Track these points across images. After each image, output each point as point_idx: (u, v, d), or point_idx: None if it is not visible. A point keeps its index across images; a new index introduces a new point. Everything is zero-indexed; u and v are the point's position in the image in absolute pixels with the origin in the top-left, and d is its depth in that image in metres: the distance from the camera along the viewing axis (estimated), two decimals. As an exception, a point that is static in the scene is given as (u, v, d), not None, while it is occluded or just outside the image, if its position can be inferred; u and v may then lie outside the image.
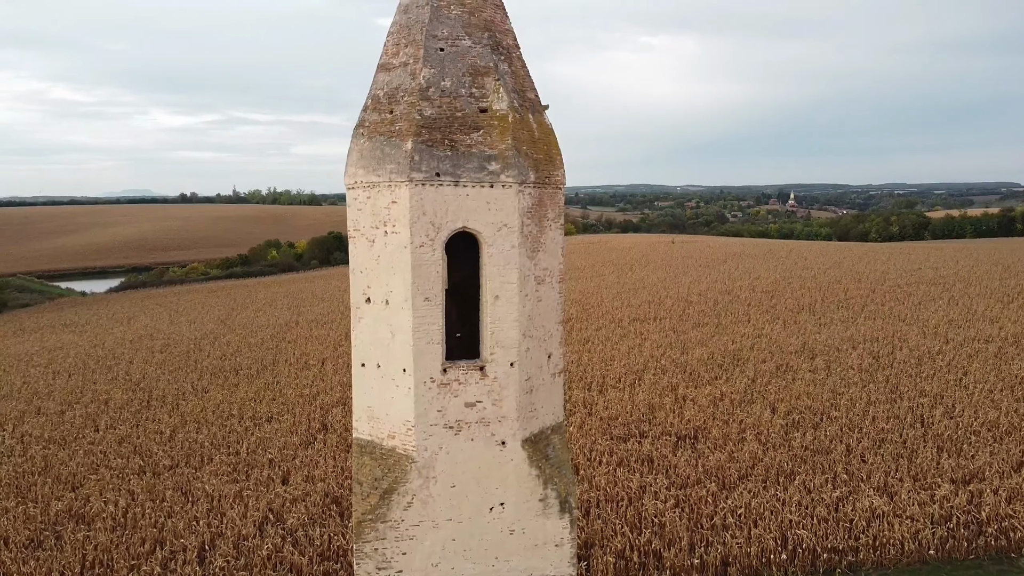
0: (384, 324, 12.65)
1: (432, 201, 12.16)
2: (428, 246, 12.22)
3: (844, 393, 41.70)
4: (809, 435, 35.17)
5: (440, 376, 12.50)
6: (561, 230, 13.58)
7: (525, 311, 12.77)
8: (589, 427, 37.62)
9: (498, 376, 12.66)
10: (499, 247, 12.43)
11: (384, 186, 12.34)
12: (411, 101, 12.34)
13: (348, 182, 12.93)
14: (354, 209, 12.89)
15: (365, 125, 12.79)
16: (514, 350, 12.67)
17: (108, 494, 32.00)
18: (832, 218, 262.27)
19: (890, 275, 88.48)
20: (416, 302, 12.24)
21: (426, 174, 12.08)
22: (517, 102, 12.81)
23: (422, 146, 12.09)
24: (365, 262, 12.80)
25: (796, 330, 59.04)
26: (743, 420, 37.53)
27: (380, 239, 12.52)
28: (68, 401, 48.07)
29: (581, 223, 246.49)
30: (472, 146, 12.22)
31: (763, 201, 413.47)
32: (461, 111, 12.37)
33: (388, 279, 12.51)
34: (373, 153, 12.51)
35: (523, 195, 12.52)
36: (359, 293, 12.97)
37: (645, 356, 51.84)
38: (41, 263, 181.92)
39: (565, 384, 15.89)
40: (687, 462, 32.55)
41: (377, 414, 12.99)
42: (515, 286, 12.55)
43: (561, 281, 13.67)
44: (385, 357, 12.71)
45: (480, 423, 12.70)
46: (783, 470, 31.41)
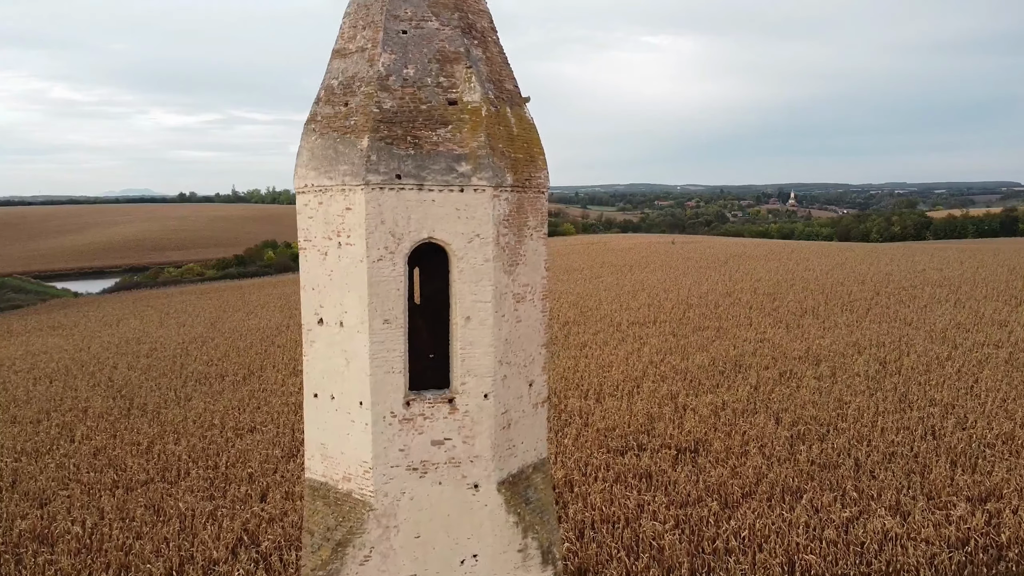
0: (338, 349, 10.96)
1: (392, 208, 10.46)
2: (387, 260, 10.52)
3: (851, 402, 40.02)
4: (816, 448, 33.49)
5: (402, 410, 10.79)
6: (544, 240, 11.88)
7: (501, 334, 11.07)
8: (585, 439, 35.93)
9: (470, 410, 10.96)
10: (471, 260, 10.73)
11: (337, 190, 10.64)
12: (368, 92, 10.64)
13: (297, 185, 11.23)
14: (304, 217, 11.19)
15: (317, 120, 11.09)
16: (488, 379, 10.97)
17: (76, 512, 30.32)
18: (833, 218, 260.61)
19: (894, 276, 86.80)
20: (373, 325, 10.54)
21: (385, 176, 10.38)
22: (492, 93, 11.11)
23: (380, 144, 10.38)
24: (317, 278, 11.11)
25: (799, 334, 57.34)
26: (746, 432, 35.84)
27: (333, 251, 10.83)
28: (45, 409, 46.36)
29: (581, 223, 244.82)
30: (439, 144, 10.52)
31: (763, 201, 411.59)
32: (426, 103, 10.66)
33: (342, 298, 10.81)
34: (325, 152, 10.81)
35: (499, 200, 10.82)
36: (311, 313, 11.27)
37: (644, 362, 50.14)
38: (39, 263, 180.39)
39: (549, 415, 14.12)
40: (687, 478, 30.87)
41: (331, 452, 11.29)
42: (489, 305, 10.85)
43: (544, 298, 11.96)
44: (339, 387, 11.02)
45: (449, 464, 11.00)
46: (789, 487, 29.72)
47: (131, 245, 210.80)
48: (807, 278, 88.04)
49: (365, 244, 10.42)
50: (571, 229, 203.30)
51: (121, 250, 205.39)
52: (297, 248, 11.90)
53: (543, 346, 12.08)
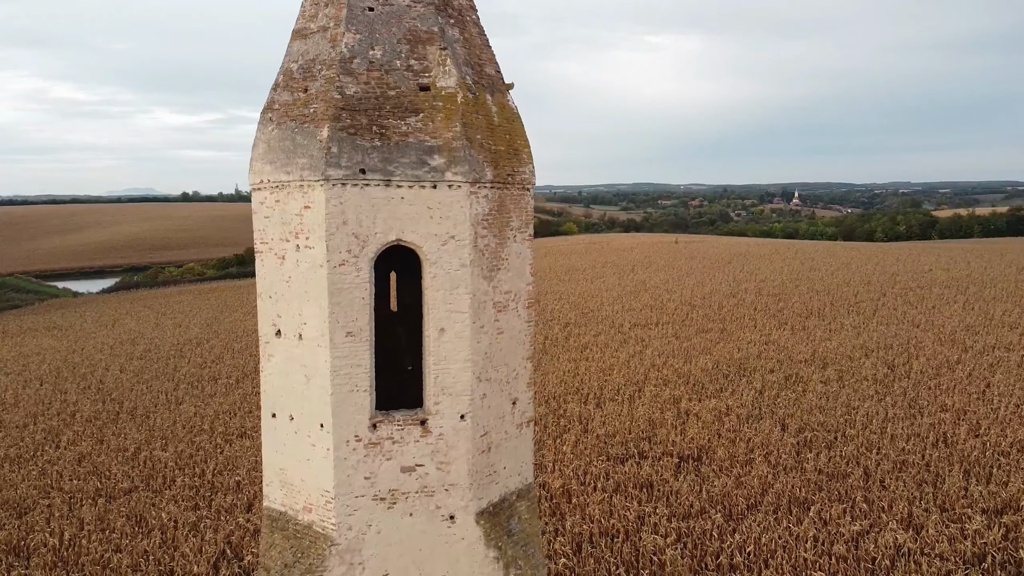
0: (297, 365, 9.80)
1: (355, 206, 9.29)
2: (350, 265, 9.35)
3: (859, 407, 38.77)
4: (823, 456, 32.26)
5: (368, 433, 9.63)
6: (529, 242, 10.70)
7: (480, 348, 9.90)
8: (584, 446, 34.73)
9: (444, 432, 9.79)
10: (445, 265, 9.56)
11: (295, 186, 9.48)
12: (329, 76, 9.47)
13: (252, 181, 10.07)
14: (260, 216, 10.03)
15: (274, 108, 9.93)
16: (465, 398, 9.80)
17: (56, 522, 29.21)
18: (837, 217, 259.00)
19: (900, 277, 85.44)
20: (335, 337, 9.38)
21: (347, 171, 9.21)
22: (471, 78, 9.93)
23: (342, 134, 9.22)
24: (274, 285, 9.94)
25: (805, 336, 56.08)
26: (751, 439, 34.62)
27: (291, 255, 9.66)
28: (33, 413, 45.28)
29: (583, 222, 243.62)
30: (408, 134, 9.35)
31: (767, 200, 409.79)
32: (395, 89, 9.49)
33: (301, 307, 9.65)
34: (282, 144, 9.64)
35: (477, 198, 9.65)
36: (268, 324, 10.11)
37: (646, 365, 48.91)
38: (40, 263, 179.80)
39: (535, 436, 12.95)
40: (690, 488, 29.65)
41: (290, 479, 10.12)
42: (466, 316, 9.69)
43: (530, 306, 10.78)
44: (298, 407, 9.85)
45: (421, 493, 9.83)
46: (796, 498, 28.50)
47: (132, 244, 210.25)
48: (812, 278, 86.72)
49: (325, 247, 9.27)
50: (573, 228, 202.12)
51: (122, 249, 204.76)
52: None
53: (529, 359, 10.91)
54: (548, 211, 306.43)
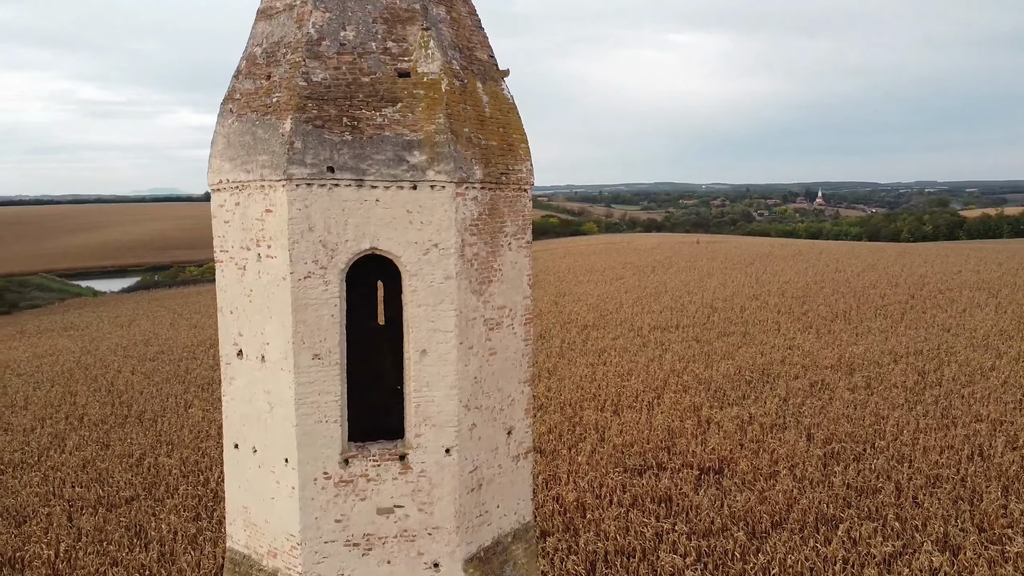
0: (260, 390, 8.60)
1: (323, 210, 8.07)
2: (317, 277, 8.13)
3: (888, 417, 37.10)
4: (852, 470, 30.69)
5: (339, 470, 8.41)
6: (527, 250, 9.43)
7: (468, 371, 8.64)
8: (600, 456, 33.38)
9: (427, 468, 8.55)
10: (427, 278, 8.32)
11: (255, 187, 8.27)
12: (295, 60, 8.26)
13: (211, 181, 8.89)
14: (220, 221, 8.85)
15: (235, 98, 8.74)
16: (451, 429, 8.55)
17: (54, 532, 28.36)
18: (862, 217, 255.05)
19: (929, 278, 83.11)
20: (299, 360, 8.16)
21: (312, 169, 7.99)
22: (458, 63, 8.68)
23: (307, 127, 8.00)
24: (235, 299, 8.75)
25: (831, 341, 54.27)
26: (775, 450, 33.09)
27: (252, 266, 8.46)
28: (41, 416, 44.66)
29: (604, 222, 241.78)
30: (384, 127, 8.12)
31: (790, 199, 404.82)
32: (369, 75, 8.26)
33: (263, 325, 8.45)
34: (242, 139, 8.45)
35: (464, 200, 8.39)
36: (229, 344, 8.92)
37: (666, 370, 47.43)
38: (65, 261, 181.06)
39: (534, 469, 11.68)
40: (711, 503, 28.24)
41: (254, 519, 8.93)
42: (451, 335, 8.43)
43: (528, 323, 9.51)
44: (262, 438, 8.65)
45: (401, 538, 8.59)
46: (823, 515, 27.01)
47: (155, 243, 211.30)
48: (837, 280, 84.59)
49: (288, 257, 8.05)
50: (594, 228, 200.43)
51: (145, 248, 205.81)
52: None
53: (526, 383, 9.63)
54: (568, 210, 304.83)
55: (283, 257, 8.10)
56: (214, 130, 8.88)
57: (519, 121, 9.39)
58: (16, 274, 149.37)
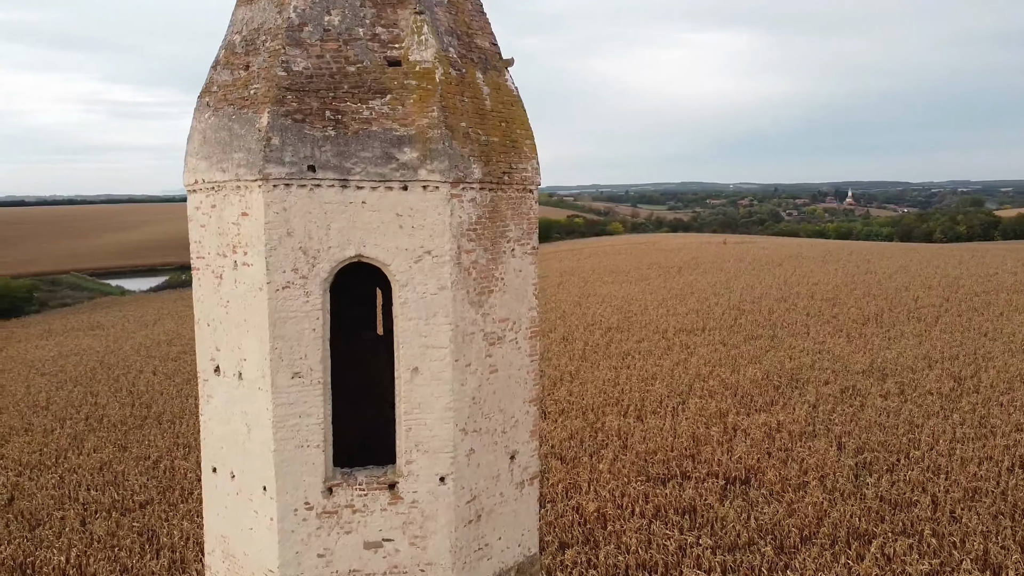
0: (237, 411, 7.85)
1: (303, 213, 7.29)
2: (297, 287, 7.36)
3: (923, 425, 35.71)
4: (885, 481, 29.45)
5: (322, 500, 7.63)
6: (533, 256, 8.58)
7: (465, 391, 7.82)
8: (622, 464, 32.42)
9: (419, 499, 7.74)
10: (419, 288, 7.51)
11: (231, 188, 7.52)
12: (274, 48, 7.49)
13: (186, 181, 8.16)
14: (196, 225, 8.12)
15: (212, 91, 8.00)
16: (446, 456, 7.74)
17: (66, 537, 28.01)
18: (893, 217, 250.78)
19: (964, 281, 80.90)
20: (278, 379, 7.40)
21: (291, 168, 7.22)
22: (455, 51, 7.86)
23: (286, 121, 7.23)
24: (212, 310, 8.02)
25: (862, 345, 52.75)
26: (804, 459, 31.90)
27: (229, 274, 7.72)
28: (61, 417, 44.62)
29: (630, 222, 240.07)
30: (371, 121, 7.32)
31: (819, 199, 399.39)
32: (356, 64, 7.47)
33: (240, 339, 7.70)
34: (218, 135, 7.71)
35: (461, 202, 7.57)
36: (206, 359, 8.21)
37: (691, 374, 46.28)
38: (96, 260, 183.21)
39: (540, 495, 10.90)
40: (737, 515, 27.17)
41: (233, 550, 8.18)
42: (446, 352, 7.62)
43: (533, 336, 8.66)
44: (240, 463, 7.90)
45: (391, 575, 7.78)
46: (855, 529, 25.85)
47: (184, 243, 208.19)
48: (868, 282, 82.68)
49: (265, 265, 7.27)
50: (619, 228, 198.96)
51: (175, 247, 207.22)
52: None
53: (532, 402, 8.79)
54: (594, 210, 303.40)
55: (259, 265, 7.34)
56: (190, 126, 8.16)
57: (524, 115, 8.56)
58: (48, 273, 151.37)
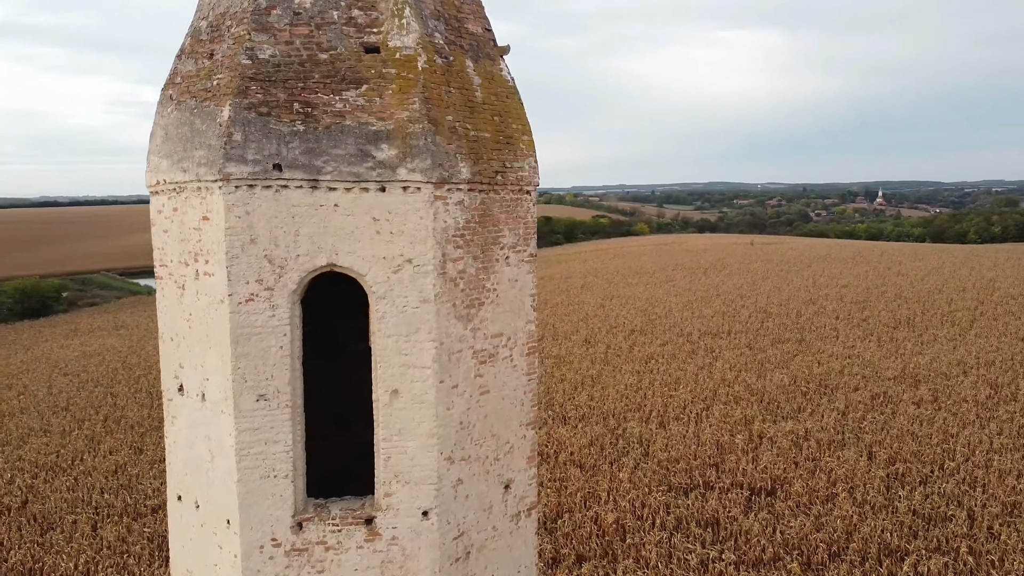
0: (201, 434, 7.12)
1: (268, 217, 6.53)
2: (262, 300, 6.59)
3: (958, 435, 34.33)
4: (918, 494, 28.22)
5: (290, 536, 6.86)
6: (530, 264, 7.76)
7: (452, 416, 7.02)
8: (643, 472, 31.46)
9: (399, 535, 6.95)
10: (398, 301, 6.72)
11: (192, 189, 6.79)
12: (239, 34, 6.74)
13: (148, 182, 7.44)
14: (159, 230, 7.40)
15: (175, 82, 7.28)
16: (429, 487, 6.94)
17: (77, 542, 27.65)
18: (925, 217, 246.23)
19: (999, 283, 78.68)
20: (241, 402, 6.64)
21: (255, 166, 6.46)
22: (442, 36, 7.06)
23: (250, 115, 6.47)
24: (175, 323, 7.29)
25: (893, 349, 51.23)
26: (833, 470, 30.73)
27: (191, 285, 6.98)
28: (80, 418, 44.54)
29: (655, 222, 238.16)
30: (345, 114, 6.55)
31: (849, 199, 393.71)
32: (329, 50, 6.69)
33: (203, 357, 6.96)
34: (180, 131, 6.97)
35: (446, 205, 6.77)
36: (170, 376, 7.49)
37: (715, 379, 45.14)
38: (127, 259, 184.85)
39: (538, 527, 10.13)
40: (762, 528, 26.12)
41: (198, 587, 7.43)
42: (429, 372, 6.82)
43: (531, 353, 7.84)
44: (204, 493, 7.17)
45: (367, 618, 7.00)
46: (887, 545, 24.70)
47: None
48: (900, 284, 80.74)
49: (226, 275, 6.51)
50: (644, 229, 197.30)
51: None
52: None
53: (529, 425, 7.96)
54: (620, 210, 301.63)
55: (220, 275, 6.61)
56: (154, 121, 7.45)
57: (521, 108, 7.74)
58: (79, 273, 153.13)
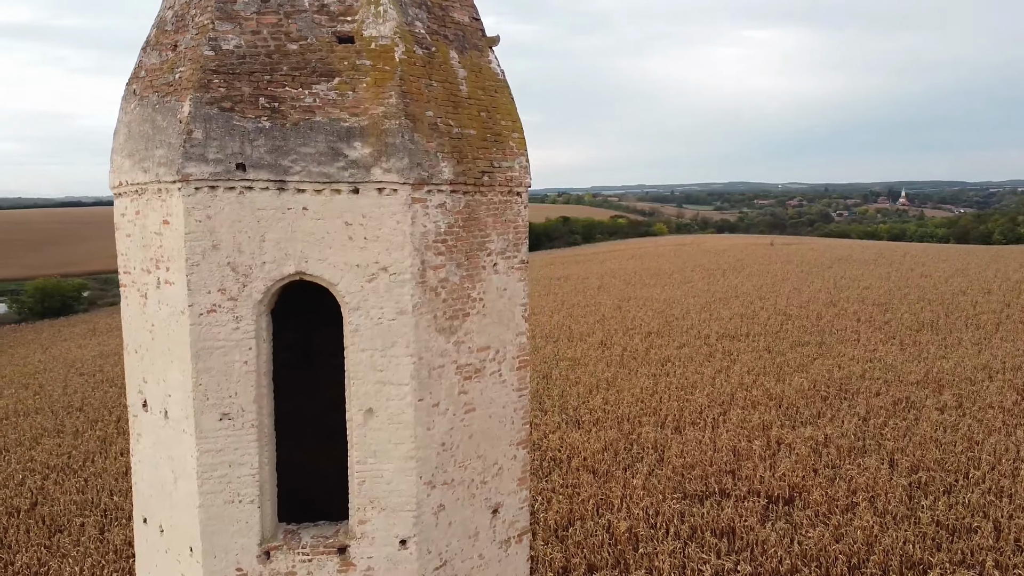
0: (164, 455, 6.63)
1: (231, 222, 6.02)
2: (225, 312, 6.09)
3: (984, 442, 33.34)
4: (942, 504, 27.33)
5: (257, 566, 6.35)
6: (521, 271, 7.20)
7: (433, 436, 6.47)
8: (658, 479, 30.77)
9: (375, 565, 6.42)
10: (372, 313, 6.19)
11: (153, 191, 6.29)
12: (202, 24, 6.23)
13: (111, 183, 6.97)
14: (122, 234, 6.93)
15: (139, 76, 6.78)
16: (407, 514, 6.40)
17: (84, 545, 27.43)
18: (949, 218, 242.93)
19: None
20: (203, 421, 6.14)
21: (217, 166, 5.95)
22: (424, 25, 6.52)
23: (211, 110, 5.96)
24: (138, 335, 6.81)
25: (916, 353, 50.11)
26: (853, 478, 29.88)
27: (153, 294, 6.50)
28: (93, 419, 44.48)
29: (674, 222, 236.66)
30: (315, 109, 6.02)
31: (871, 199, 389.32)
32: (299, 40, 6.17)
33: (165, 370, 6.46)
34: (141, 128, 6.49)
35: (426, 207, 6.22)
36: (134, 391, 7.00)
37: (733, 383, 44.31)
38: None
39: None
40: (779, 538, 25.38)
41: (163, 617, 6.93)
42: (407, 389, 6.28)
43: (522, 366, 7.28)
44: (168, 516, 6.67)
45: (341, 655, 6.47)
46: (909, 558, 23.89)
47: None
48: (923, 286, 79.31)
49: (186, 284, 6.01)
50: (663, 229, 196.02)
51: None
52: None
53: (520, 445, 7.40)
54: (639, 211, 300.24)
55: (181, 284, 6.11)
56: (117, 118, 6.98)
57: (511, 103, 7.18)
58: (101, 272, 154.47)
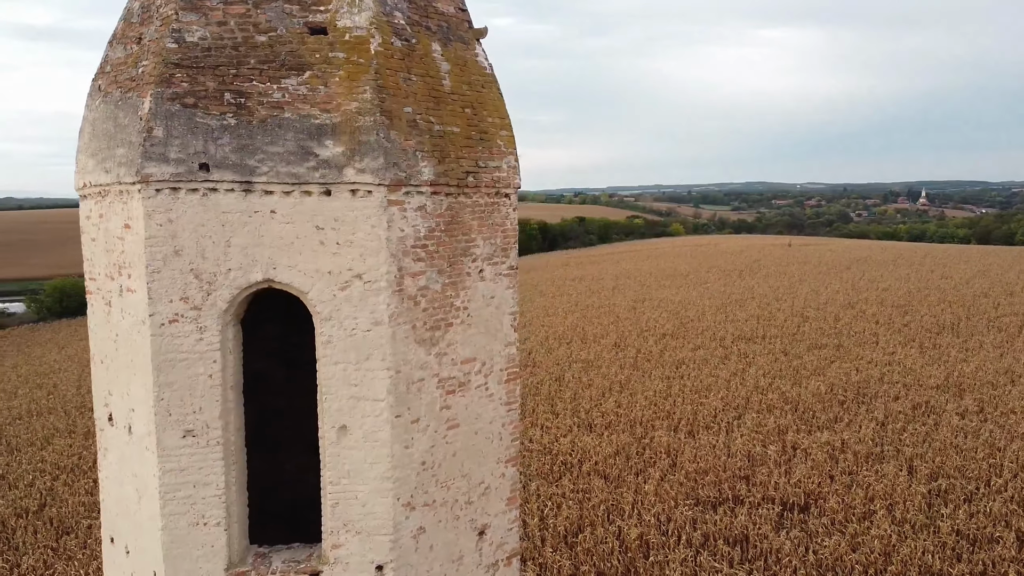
0: (128, 472, 6.25)
1: (194, 226, 5.63)
2: (188, 322, 5.70)
3: (1006, 449, 32.52)
4: (962, 512, 26.61)
5: (224, 592, 5.93)
6: (509, 277, 6.76)
7: (412, 455, 6.05)
8: (670, 484, 30.19)
9: (349, 592, 5.99)
10: (346, 323, 5.77)
11: (115, 193, 5.91)
12: (166, 15, 5.85)
13: (76, 184, 6.60)
14: (87, 238, 6.56)
15: (105, 71, 6.40)
16: (384, 538, 5.99)
17: (90, 547, 27.28)
18: (970, 218, 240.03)
19: (1049, 287, 75.70)
20: (165, 438, 5.76)
21: (179, 167, 5.56)
22: (404, 16, 6.10)
23: (173, 107, 5.57)
24: (104, 345, 6.45)
25: (936, 356, 49.17)
26: (870, 485, 29.19)
27: (116, 302, 6.12)
28: (105, 419, 44.59)
29: (691, 223, 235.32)
30: (284, 105, 5.62)
31: (891, 199, 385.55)
32: (267, 32, 5.78)
33: (128, 383, 6.09)
34: (104, 126, 6.12)
35: (404, 211, 5.81)
36: (101, 403, 6.64)
37: (748, 387, 43.62)
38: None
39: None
40: (794, 547, 24.77)
41: (129, 643, 6.56)
42: (383, 405, 5.87)
43: (511, 379, 6.84)
44: (134, 537, 6.30)
45: None
46: (927, 568, 23.21)
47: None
48: (943, 287, 78.09)
49: (147, 292, 5.62)
50: (680, 230, 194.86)
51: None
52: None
53: (509, 463, 6.96)
54: (655, 211, 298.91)
55: (142, 292, 5.73)
56: (83, 115, 6.61)
57: (499, 99, 6.75)
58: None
